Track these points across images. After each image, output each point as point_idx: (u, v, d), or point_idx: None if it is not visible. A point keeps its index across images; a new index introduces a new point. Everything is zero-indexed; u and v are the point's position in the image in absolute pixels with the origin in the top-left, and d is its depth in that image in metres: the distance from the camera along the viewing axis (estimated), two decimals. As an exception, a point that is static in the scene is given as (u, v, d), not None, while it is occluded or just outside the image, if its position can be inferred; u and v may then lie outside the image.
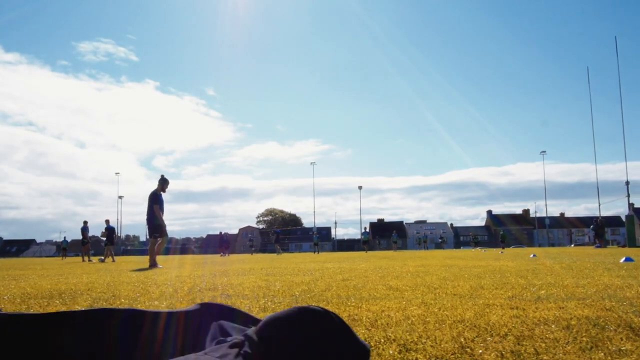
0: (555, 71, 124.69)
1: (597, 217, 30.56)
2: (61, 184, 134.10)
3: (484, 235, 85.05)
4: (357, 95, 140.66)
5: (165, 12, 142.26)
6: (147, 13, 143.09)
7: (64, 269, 10.17)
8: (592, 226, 31.14)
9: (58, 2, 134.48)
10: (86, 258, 18.65)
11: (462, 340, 1.66)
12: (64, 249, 30.95)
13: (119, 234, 71.87)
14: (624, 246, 26.85)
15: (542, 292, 3.09)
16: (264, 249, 79.47)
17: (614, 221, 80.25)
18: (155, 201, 9.27)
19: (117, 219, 79.31)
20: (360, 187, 63.49)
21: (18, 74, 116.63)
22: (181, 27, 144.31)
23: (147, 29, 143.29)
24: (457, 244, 79.35)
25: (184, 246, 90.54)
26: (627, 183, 29.30)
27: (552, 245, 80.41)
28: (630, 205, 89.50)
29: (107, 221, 17.15)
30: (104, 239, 16.87)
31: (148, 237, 9.41)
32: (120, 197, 65.38)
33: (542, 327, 1.87)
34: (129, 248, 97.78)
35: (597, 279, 4.00)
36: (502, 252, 18.02)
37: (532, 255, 11.77)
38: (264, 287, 3.86)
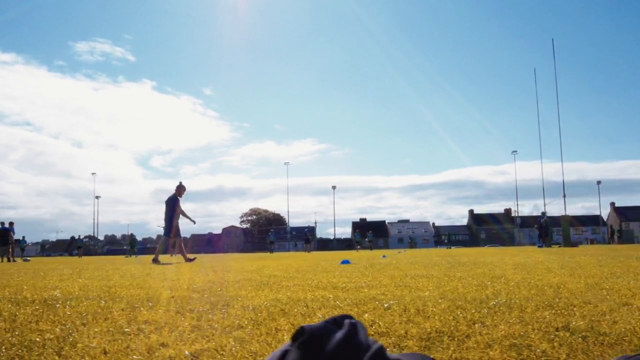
0: (556, 70, 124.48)
1: (541, 217, 30.71)
2: (58, 183, 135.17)
3: (465, 235, 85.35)
4: (354, 94, 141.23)
5: (161, 12, 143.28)
6: (143, 13, 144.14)
7: None
8: (535, 226, 31.44)
9: (54, 2, 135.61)
10: (11, 258, 19.34)
11: None
12: (22, 249, 32.28)
13: (95, 234, 72.40)
14: (560, 246, 27.16)
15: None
16: (244, 248, 79.94)
17: (594, 220, 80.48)
18: (177, 204, 10.57)
19: (94, 219, 79.97)
20: (334, 187, 63.91)
21: (15, 73, 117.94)
22: (178, 27, 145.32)
23: (143, 28, 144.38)
24: (436, 243, 79.69)
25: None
26: (563, 182, 29.61)
27: (533, 244, 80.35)
28: (612, 204, 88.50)
29: (5, 223, 17.81)
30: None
31: (164, 235, 10.71)
32: (97, 197, 66.06)
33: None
34: (125, 247, 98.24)
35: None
36: (399, 252, 18.46)
37: (382, 256, 12.13)
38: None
